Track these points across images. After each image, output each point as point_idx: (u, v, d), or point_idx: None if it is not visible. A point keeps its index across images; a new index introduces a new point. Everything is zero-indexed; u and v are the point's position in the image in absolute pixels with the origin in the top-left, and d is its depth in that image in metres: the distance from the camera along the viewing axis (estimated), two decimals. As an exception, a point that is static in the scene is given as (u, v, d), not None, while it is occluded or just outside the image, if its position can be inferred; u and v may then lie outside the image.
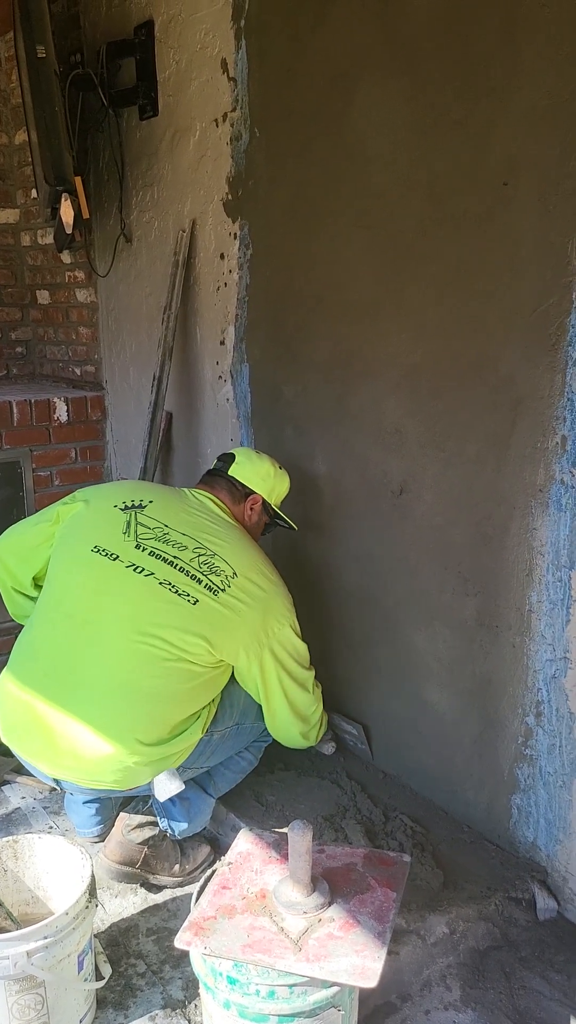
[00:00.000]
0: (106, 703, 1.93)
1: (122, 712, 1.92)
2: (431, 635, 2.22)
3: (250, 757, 2.27)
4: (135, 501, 2.16)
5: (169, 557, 2.04)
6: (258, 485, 2.31)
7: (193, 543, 2.07)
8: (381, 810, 2.21)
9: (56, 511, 2.25)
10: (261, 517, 2.35)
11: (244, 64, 2.53)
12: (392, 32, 2.04)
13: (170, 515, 2.13)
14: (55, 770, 1.98)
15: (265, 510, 2.35)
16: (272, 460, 2.37)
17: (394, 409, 2.21)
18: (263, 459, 2.35)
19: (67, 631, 2.02)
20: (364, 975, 1.42)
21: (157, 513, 2.13)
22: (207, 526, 2.14)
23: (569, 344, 1.75)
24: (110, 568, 2.02)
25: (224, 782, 2.21)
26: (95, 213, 3.37)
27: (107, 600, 2.00)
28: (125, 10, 3.01)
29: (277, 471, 2.35)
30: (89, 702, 1.93)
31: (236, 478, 2.31)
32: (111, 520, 2.12)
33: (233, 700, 2.15)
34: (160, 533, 2.08)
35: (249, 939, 1.49)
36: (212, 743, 2.09)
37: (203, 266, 2.87)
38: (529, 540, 1.91)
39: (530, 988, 1.79)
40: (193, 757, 2.05)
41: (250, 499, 2.31)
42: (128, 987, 1.83)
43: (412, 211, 2.05)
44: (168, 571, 2.01)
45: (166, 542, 2.06)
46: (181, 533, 2.09)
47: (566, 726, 1.90)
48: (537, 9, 1.71)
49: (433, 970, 1.83)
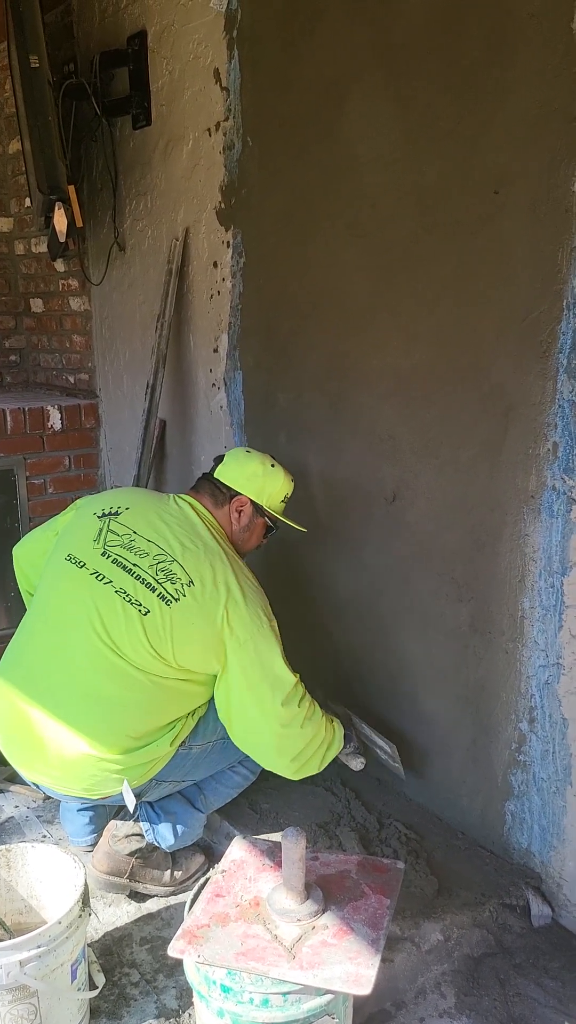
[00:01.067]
0: (69, 710, 1.93)
1: (84, 719, 1.93)
2: (424, 641, 2.22)
3: (245, 772, 2.19)
4: (112, 508, 2.12)
5: (129, 565, 1.99)
6: (243, 486, 2.19)
7: (156, 550, 2.01)
8: (375, 817, 2.21)
9: (58, 521, 2.28)
10: (253, 520, 2.22)
11: (237, 74, 2.54)
12: (383, 42, 2.05)
13: (141, 521, 2.08)
14: (32, 774, 2.02)
15: (259, 512, 2.22)
16: (264, 458, 2.24)
17: (387, 416, 2.21)
18: (251, 458, 2.23)
19: (42, 638, 2.04)
20: (358, 982, 1.41)
21: (129, 519, 2.09)
22: (176, 532, 2.05)
23: (560, 351, 1.76)
24: (77, 576, 2.02)
25: (215, 797, 2.17)
26: (89, 222, 3.38)
27: (72, 608, 2.00)
28: (118, 20, 3.03)
29: (268, 469, 2.21)
30: (55, 708, 1.94)
31: (220, 480, 2.21)
32: (87, 527, 2.10)
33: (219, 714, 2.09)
34: (127, 540, 2.04)
35: (243, 947, 1.48)
36: (192, 756, 2.05)
37: (196, 274, 2.88)
38: (521, 546, 1.91)
39: (525, 995, 1.79)
40: (169, 769, 2.02)
41: (235, 501, 2.19)
42: (122, 996, 1.83)
43: (404, 219, 2.07)
44: (125, 579, 1.97)
45: (130, 549, 2.02)
46: (146, 540, 2.03)
47: (559, 732, 1.90)
48: (526, 19, 1.72)
49: (428, 977, 1.82)
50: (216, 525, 2.17)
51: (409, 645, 2.27)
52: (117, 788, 1.96)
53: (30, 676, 2.00)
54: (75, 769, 1.94)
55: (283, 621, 2.18)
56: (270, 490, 2.21)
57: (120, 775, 1.94)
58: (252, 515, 2.21)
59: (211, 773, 2.14)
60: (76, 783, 1.96)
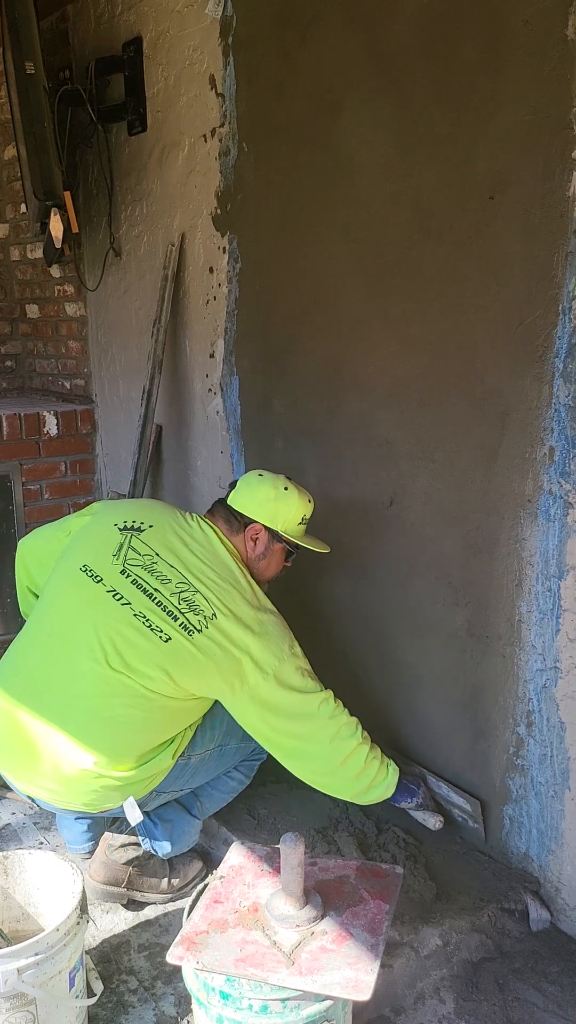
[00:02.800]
0: (73, 727, 1.88)
1: (88, 737, 1.88)
2: (421, 645, 2.22)
3: (240, 776, 2.18)
4: (135, 523, 2.06)
5: (150, 589, 1.94)
6: (255, 512, 2.09)
7: (178, 576, 1.97)
8: (373, 822, 2.20)
9: (71, 522, 2.22)
10: (270, 547, 2.12)
11: (232, 80, 2.55)
12: (378, 48, 2.06)
13: (163, 543, 2.02)
14: (29, 787, 1.96)
15: (276, 538, 2.12)
16: (277, 481, 2.13)
17: (383, 421, 2.22)
18: (263, 482, 2.13)
19: (46, 648, 1.99)
20: (357, 988, 1.41)
21: (151, 539, 2.02)
22: (199, 559, 2.01)
23: (556, 356, 1.77)
24: (92, 590, 1.97)
25: (211, 803, 2.16)
26: (84, 227, 3.39)
27: (83, 622, 1.95)
28: (114, 27, 3.04)
29: (280, 493, 2.10)
30: (58, 724, 1.89)
31: (233, 507, 2.13)
32: (106, 539, 2.04)
33: (215, 721, 2.07)
34: (148, 561, 1.98)
35: (242, 953, 1.48)
36: (190, 766, 2.04)
37: (192, 280, 2.88)
38: (518, 550, 1.92)
39: (524, 1000, 1.78)
40: (169, 780, 2.00)
41: (249, 529, 2.10)
42: (120, 1004, 1.82)
43: (399, 225, 2.07)
44: (145, 604, 1.93)
45: (151, 572, 1.97)
46: (169, 565, 1.98)
47: (557, 736, 1.90)
48: (521, 26, 1.73)
49: (427, 983, 1.82)
50: (236, 552, 2.10)
51: (406, 649, 2.27)
52: (117, 803, 1.94)
53: (32, 687, 1.95)
54: (75, 785, 1.90)
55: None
56: (285, 515, 2.11)
57: (121, 790, 1.91)
58: (268, 542, 2.12)
59: (210, 778, 2.14)
60: (76, 798, 1.92)
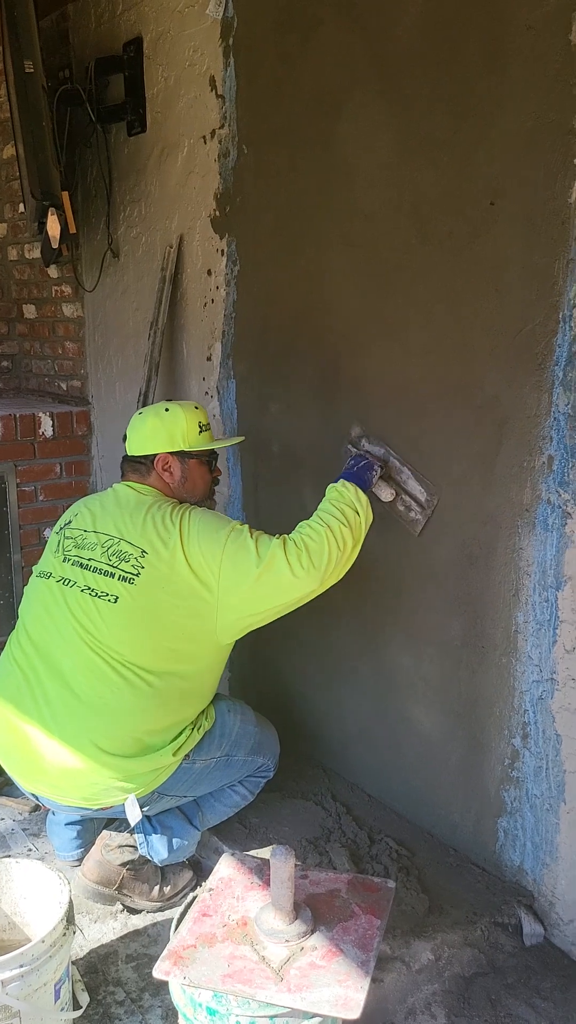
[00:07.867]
0: (67, 718, 1.94)
1: (82, 725, 1.93)
2: (417, 655, 2.20)
3: (244, 792, 2.20)
4: (67, 519, 2.17)
5: (84, 560, 2.02)
6: (152, 447, 2.12)
7: (103, 538, 2.03)
8: (366, 833, 2.18)
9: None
10: (186, 468, 2.14)
11: (232, 82, 2.53)
12: (379, 51, 2.04)
13: (89, 521, 2.10)
14: (30, 784, 2.02)
15: (187, 457, 2.14)
16: (157, 408, 2.17)
17: (381, 427, 2.20)
18: (145, 417, 2.16)
19: (29, 652, 2.05)
20: (347, 1006, 1.39)
21: (79, 522, 2.12)
22: (115, 515, 2.06)
23: (555, 364, 1.75)
24: (46, 587, 2.07)
25: (213, 815, 2.16)
26: (82, 228, 3.37)
27: (49, 619, 2.03)
28: (114, 27, 3.02)
29: (164, 416, 2.13)
30: (53, 718, 1.95)
31: (131, 455, 2.17)
32: (51, 544, 2.16)
33: (225, 730, 2.12)
34: (80, 540, 2.07)
35: (229, 968, 1.46)
36: (195, 771, 2.05)
37: (190, 282, 2.86)
38: (515, 560, 1.89)
39: (516, 1015, 1.76)
40: (172, 783, 2.01)
41: (157, 464, 2.13)
42: (106, 1016, 1.79)
43: (398, 229, 2.05)
44: (86, 575, 2.00)
45: (82, 547, 2.05)
46: (94, 532, 2.06)
47: (553, 748, 1.88)
48: (523, 31, 1.72)
49: (418, 998, 1.80)
50: (154, 490, 2.13)
51: (400, 658, 2.25)
52: (118, 798, 1.94)
53: (27, 687, 2.01)
54: (76, 777, 1.93)
55: (273, 633, 2.15)
56: (180, 433, 2.12)
57: (123, 784, 1.93)
58: (181, 464, 2.14)
59: (212, 790, 2.14)
60: (76, 791, 1.95)
